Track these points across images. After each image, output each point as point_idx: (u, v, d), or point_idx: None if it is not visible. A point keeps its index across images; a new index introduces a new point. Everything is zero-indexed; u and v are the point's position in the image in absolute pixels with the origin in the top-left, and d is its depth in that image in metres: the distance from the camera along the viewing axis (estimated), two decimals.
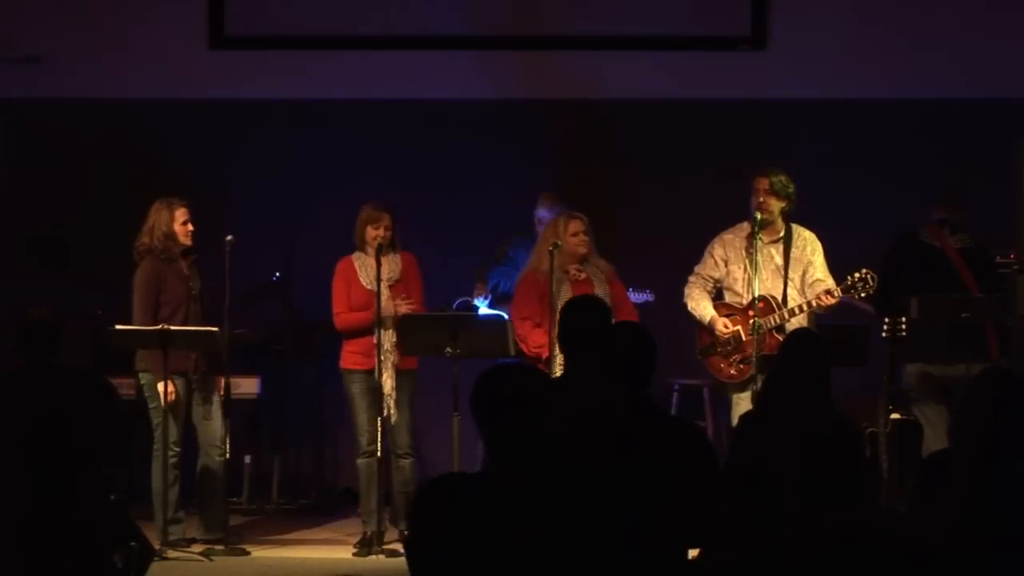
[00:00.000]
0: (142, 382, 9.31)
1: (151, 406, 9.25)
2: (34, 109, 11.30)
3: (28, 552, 6.57)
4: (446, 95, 11.30)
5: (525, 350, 9.04)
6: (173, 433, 9.20)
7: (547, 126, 11.23)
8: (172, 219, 9.31)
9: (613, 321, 8.46)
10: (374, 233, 9.26)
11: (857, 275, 9.08)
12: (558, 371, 8.65)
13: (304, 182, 11.29)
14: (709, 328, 9.21)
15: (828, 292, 9.07)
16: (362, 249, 9.31)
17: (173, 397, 9.14)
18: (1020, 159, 9.17)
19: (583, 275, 9.17)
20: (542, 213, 10.19)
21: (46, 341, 7.15)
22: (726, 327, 9.14)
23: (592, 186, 11.05)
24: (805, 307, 9.08)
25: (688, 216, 10.51)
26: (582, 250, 9.19)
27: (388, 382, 9.17)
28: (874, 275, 9.08)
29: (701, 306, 9.25)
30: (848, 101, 11.16)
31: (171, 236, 9.29)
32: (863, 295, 9.14)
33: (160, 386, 9.12)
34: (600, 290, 9.09)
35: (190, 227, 9.34)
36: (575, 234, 9.17)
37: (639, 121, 11.23)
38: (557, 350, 8.75)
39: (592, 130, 11.27)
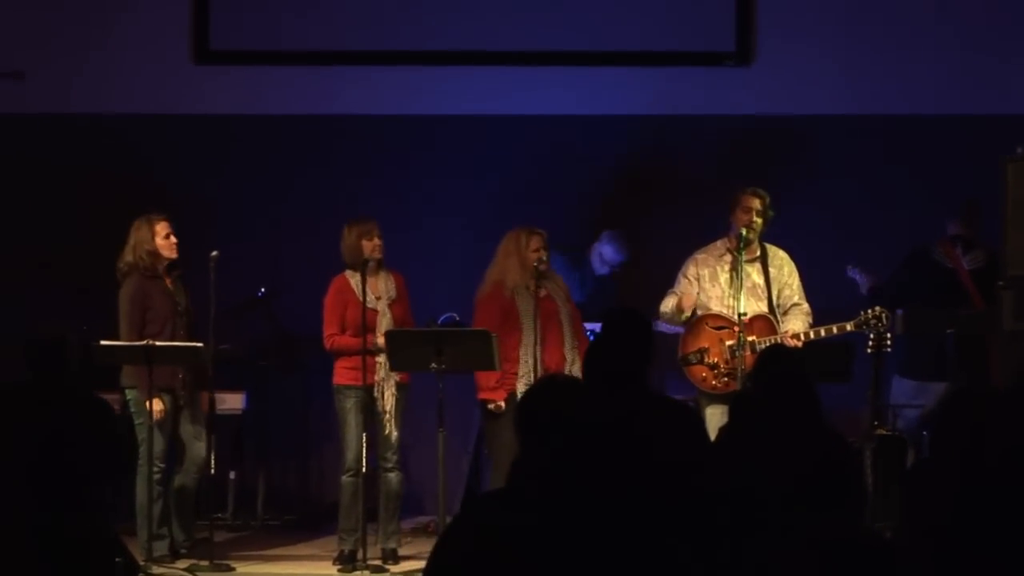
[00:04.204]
0: (128, 398, 9.28)
1: (136, 422, 9.21)
2: (20, 124, 11.28)
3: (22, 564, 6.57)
4: (430, 110, 11.31)
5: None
6: (157, 449, 9.18)
7: (527, 140, 11.23)
8: (153, 234, 9.28)
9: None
10: (370, 245, 9.20)
11: (871, 312, 9.03)
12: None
13: (289, 197, 11.29)
14: (678, 311, 9.10)
15: (841, 328, 9.02)
16: (355, 266, 9.19)
17: (162, 415, 9.13)
18: (1004, 175, 9.18)
19: (543, 292, 9.15)
20: (606, 250, 10.83)
21: (51, 359, 7.09)
22: (689, 297, 9.08)
23: (574, 201, 11.07)
24: (812, 334, 8.98)
25: (674, 231, 10.48)
26: (541, 267, 9.15)
27: (390, 399, 9.14)
28: (888, 314, 9.04)
29: (666, 301, 9.17)
30: (833, 117, 11.17)
31: (154, 252, 9.26)
32: (875, 332, 9.09)
33: (147, 403, 9.09)
34: (563, 308, 9.11)
35: (173, 239, 9.31)
36: (536, 250, 9.14)
37: (624, 137, 11.24)
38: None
39: (576, 145, 11.27)
